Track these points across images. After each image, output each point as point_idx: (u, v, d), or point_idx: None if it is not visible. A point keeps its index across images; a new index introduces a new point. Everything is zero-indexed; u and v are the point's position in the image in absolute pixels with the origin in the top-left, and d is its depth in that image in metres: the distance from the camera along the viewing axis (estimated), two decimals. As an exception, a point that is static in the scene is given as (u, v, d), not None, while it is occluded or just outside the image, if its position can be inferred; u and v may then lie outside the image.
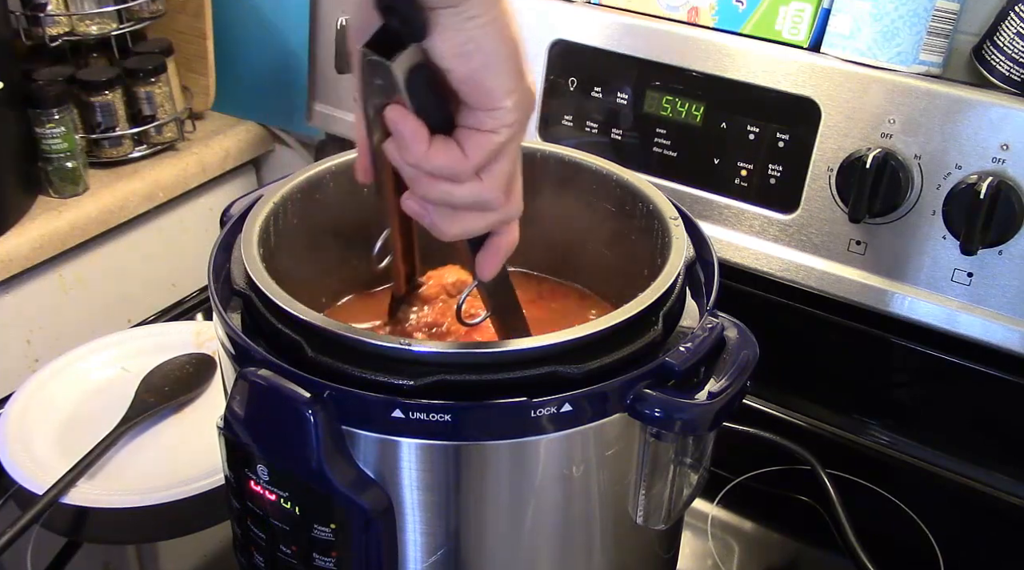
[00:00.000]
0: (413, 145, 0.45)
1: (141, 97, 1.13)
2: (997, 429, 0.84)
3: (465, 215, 0.48)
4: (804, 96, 0.80)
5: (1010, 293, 0.75)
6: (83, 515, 0.74)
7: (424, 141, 0.45)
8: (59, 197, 1.08)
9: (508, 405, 0.47)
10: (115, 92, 1.10)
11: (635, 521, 0.55)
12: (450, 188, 0.46)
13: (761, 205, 0.84)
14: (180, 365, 0.87)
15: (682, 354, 0.50)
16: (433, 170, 0.45)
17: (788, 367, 0.88)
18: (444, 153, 0.45)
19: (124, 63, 1.13)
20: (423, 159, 0.45)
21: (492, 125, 0.45)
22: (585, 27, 0.89)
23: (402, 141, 0.45)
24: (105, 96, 1.09)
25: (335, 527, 0.50)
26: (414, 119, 0.45)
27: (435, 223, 0.48)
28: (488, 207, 0.48)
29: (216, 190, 1.25)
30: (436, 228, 0.48)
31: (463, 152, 0.45)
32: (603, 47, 0.88)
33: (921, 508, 0.79)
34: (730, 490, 0.80)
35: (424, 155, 0.45)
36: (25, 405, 0.83)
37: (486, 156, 0.46)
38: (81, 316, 1.10)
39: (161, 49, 1.15)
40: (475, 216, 0.48)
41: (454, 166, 0.45)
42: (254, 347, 0.50)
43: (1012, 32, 0.75)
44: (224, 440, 0.52)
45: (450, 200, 0.47)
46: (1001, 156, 0.72)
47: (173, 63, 1.16)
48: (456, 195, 0.46)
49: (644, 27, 0.86)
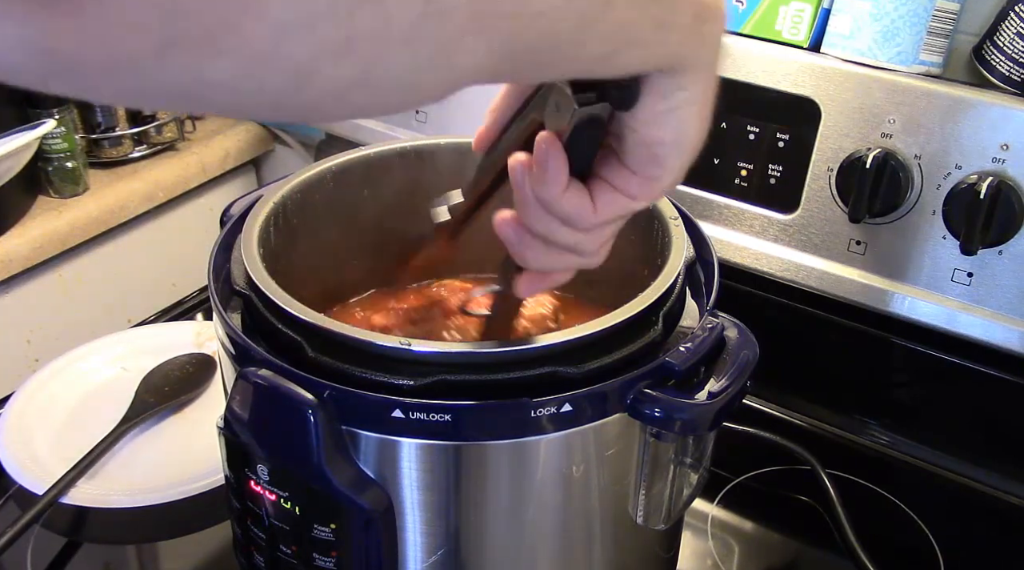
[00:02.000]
0: (552, 184, 0.43)
1: (141, 97, 1.13)
2: (997, 429, 0.84)
3: (556, 255, 0.47)
4: (804, 96, 0.80)
5: (1010, 293, 0.75)
6: (83, 515, 0.74)
7: (563, 183, 0.43)
8: (59, 197, 1.08)
9: (508, 405, 0.47)
10: (115, 92, 1.10)
11: (635, 521, 0.55)
12: (559, 228, 0.45)
13: (761, 205, 0.84)
14: (180, 365, 0.87)
15: (682, 354, 0.50)
16: (557, 212, 0.44)
17: (788, 367, 0.88)
18: (577, 201, 0.44)
19: (124, 63, 1.13)
20: (554, 199, 0.44)
21: (639, 194, 0.44)
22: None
23: (543, 174, 0.43)
24: (105, 96, 1.09)
25: (335, 527, 0.50)
26: (563, 158, 0.43)
27: (523, 253, 0.47)
28: (583, 255, 0.47)
29: (216, 190, 1.25)
30: (523, 257, 0.47)
31: (593, 205, 0.44)
32: (603, 47, 0.88)
33: (921, 508, 0.79)
34: (730, 490, 0.80)
35: (557, 196, 0.43)
36: (25, 405, 0.83)
37: (615, 217, 0.45)
38: (81, 316, 1.10)
39: (161, 49, 1.15)
40: (565, 257, 0.47)
41: (580, 216, 0.44)
42: (254, 347, 0.50)
43: (1012, 32, 0.75)
44: (224, 440, 0.52)
45: (554, 238, 0.46)
46: (1001, 156, 0.72)
47: (173, 63, 1.16)
48: (560, 236, 0.45)
49: (644, 27, 0.86)
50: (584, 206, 0.44)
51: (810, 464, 0.81)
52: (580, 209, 0.44)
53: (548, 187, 0.43)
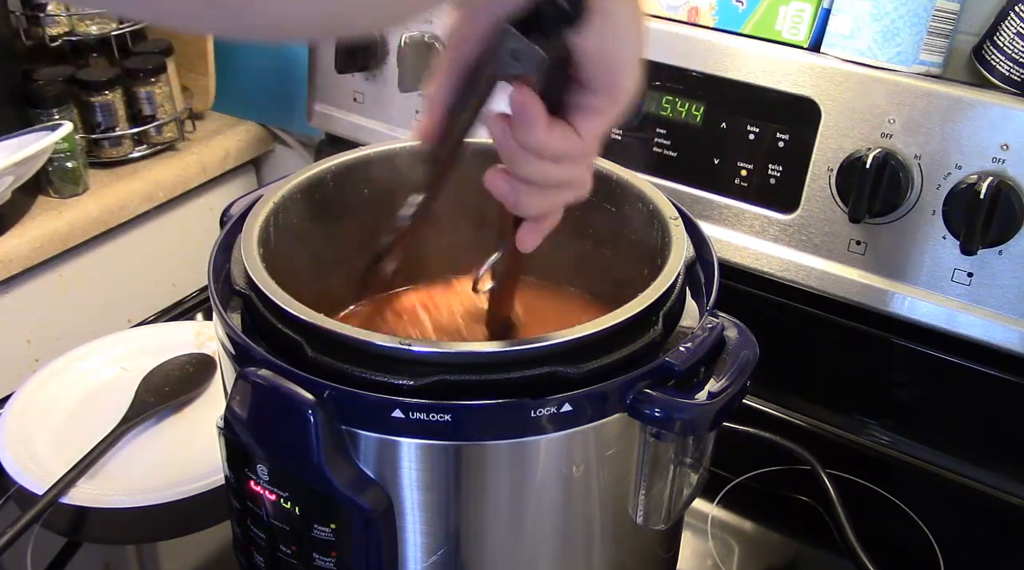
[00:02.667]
0: (537, 128, 0.45)
1: (141, 97, 1.13)
2: (997, 429, 0.84)
3: (554, 193, 0.48)
4: (804, 96, 0.80)
5: (1010, 293, 0.75)
6: (83, 515, 0.74)
7: (546, 125, 0.45)
8: (59, 197, 1.08)
9: (508, 405, 0.47)
10: (115, 92, 1.10)
11: (635, 521, 0.55)
12: (550, 167, 0.46)
13: (761, 205, 0.84)
14: (180, 365, 0.87)
15: (682, 354, 0.50)
16: (549, 152, 0.46)
17: (788, 367, 0.88)
18: (562, 137, 0.45)
19: (124, 63, 1.13)
20: (542, 141, 0.45)
21: (611, 108, 0.45)
22: (585, 27, 0.89)
23: (526, 123, 0.45)
24: (105, 96, 1.09)
25: (335, 527, 0.50)
26: (539, 103, 0.44)
27: (521, 201, 0.48)
28: (577, 186, 0.49)
29: (216, 190, 1.25)
30: (521, 205, 0.48)
31: (578, 135, 0.45)
32: (603, 47, 0.88)
33: (921, 508, 0.79)
34: (730, 490, 0.80)
35: (544, 139, 0.45)
36: (25, 405, 0.83)
37: (599, 138, 0.46)
38: (81, 316, 1.10)
39: (161, 49, 1.15)
40: (562, 193, 0.49)
41: (570, 149, 0.46)
42: (254, 347, 0.50)
43: (1012, 32, 0.75)
44: (224, 440, 0.52)
45: (547, 179, 0.47)
46: (1001, 156, 0.72)
47: (173, 63, 1.16)
48: (554, 174, 0.47)
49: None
50: (570, 139, 0.46)
51: (810, 464, 0.81)
52: (567, 143, 0.46)
53: (534, 133, 0.45)
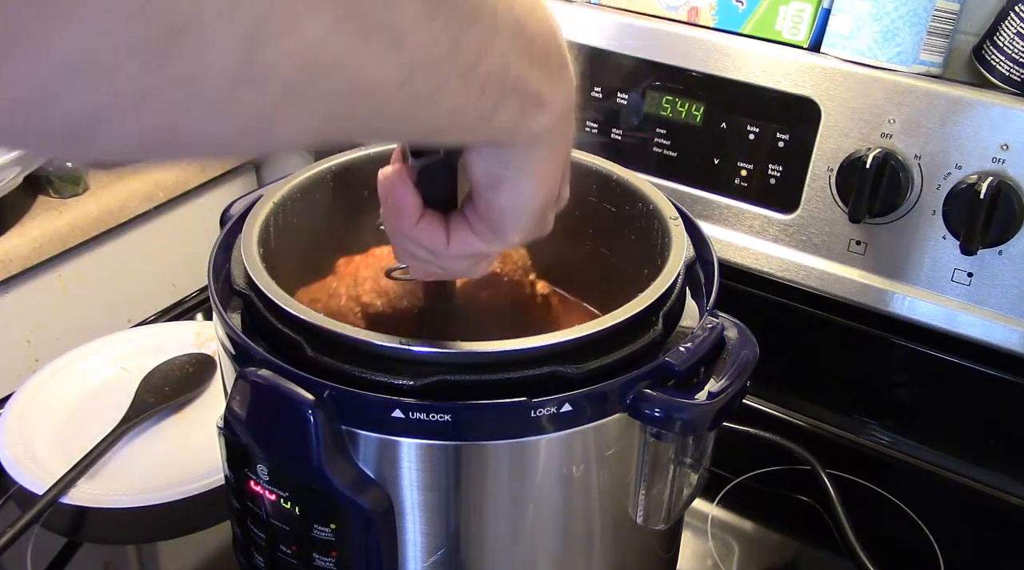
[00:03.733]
0: (401, 216, 0.45)
1: (141, 97, 1.13)
2: (997, 429, 0.84)
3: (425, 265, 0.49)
4: (804, 96, 0.80)
5: (1010, 293, 0.75)
6: (83, 515, 0.74)
7: (413, 217, 0.45)
8: (59, 197, 1.08)
9: (508, 405, 0.47)
10: (115, 92, 1.10)
11: (635, 521, 0.55)
12: (418, 249, 0.47)
13: (761, 205, 0.84)
14: (180, 365, 0.87)
15: (682, 354, 0.50)
16: (416, 241, 0.46)
17: (788, 367, 0.88)
18: (429, 232, 0.45)
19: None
20: (407, 231, 0.45)
21: (490, 242, 0.45)
22: (585, 27, 0.89)
23: (396, 210, 0.45)
24: (105, 96, 1.09)
25: (335, 527, 0.50)
26: (409, 193, 0.44)
27: (399, 256, 0.49)
28: (450, 273, 0.50)
29: (216, 190, 1.25)
30: (398, 257, 0.50)
31: (447, 238, 0.45)
32: (603, 47, 0.88)
33: (921, 508, 0.79)
34: (730, 490, 0.80)
35: (408, 228, 0.45)
36: (25, 405, 0.83)
37: (468, 254, 0.46)
38: (81, 316, 1.10)
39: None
40: (442, 274, 0.50)
41: (433, 248, 0.46)
42: (254, 347, 0.50)
43: (1012, 32, 0.75)
44: (224, 440, 0.52)
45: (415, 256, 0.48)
46: (1001, 156, 0.72)
47: (173, 63, 1.16)
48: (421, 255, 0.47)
49: (644, 27, 0.86)
50: (436, 239, 0.45)
51: (810, 464, 0.81)
52: (432, 241, 0.45)
53: (399, 218, 0.45)
